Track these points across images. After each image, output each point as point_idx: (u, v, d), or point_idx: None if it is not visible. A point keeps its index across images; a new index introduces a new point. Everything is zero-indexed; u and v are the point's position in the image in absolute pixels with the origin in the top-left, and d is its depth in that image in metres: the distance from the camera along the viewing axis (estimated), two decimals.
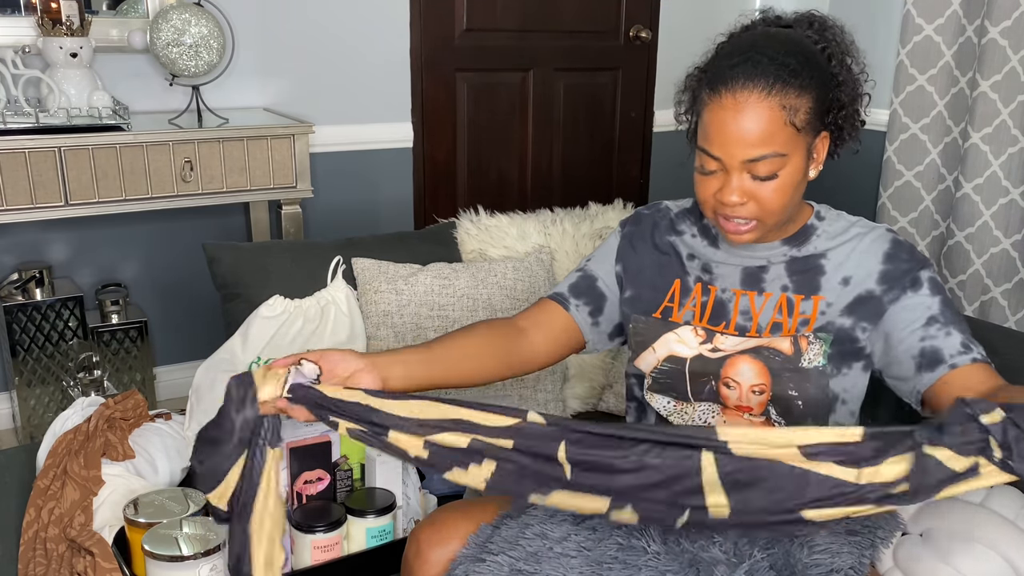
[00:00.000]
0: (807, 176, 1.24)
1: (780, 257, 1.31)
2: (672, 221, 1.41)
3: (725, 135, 1.18)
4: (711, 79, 1.21)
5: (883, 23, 3.16)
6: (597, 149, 3.49)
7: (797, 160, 1.20)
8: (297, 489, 1.41)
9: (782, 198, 1.20)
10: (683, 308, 1.35)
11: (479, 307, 1.78)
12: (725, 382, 1.30)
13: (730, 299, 1.32)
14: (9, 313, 2.44)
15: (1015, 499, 1.30)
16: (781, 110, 1.16)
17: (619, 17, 3.37)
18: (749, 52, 1.20)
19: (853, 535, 1.14)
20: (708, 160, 1.20)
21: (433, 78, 3.09)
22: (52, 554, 1.35)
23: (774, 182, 1.19)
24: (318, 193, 2.79)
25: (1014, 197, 2.77)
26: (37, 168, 2.17)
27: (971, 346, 1.21)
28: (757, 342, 1.28)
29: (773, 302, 1.29)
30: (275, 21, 2.77)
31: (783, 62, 1.18)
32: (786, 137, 1.18)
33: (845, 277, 1.27)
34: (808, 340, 1.25)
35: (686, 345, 1.32)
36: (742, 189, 1.19)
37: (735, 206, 1.20)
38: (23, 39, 2.38)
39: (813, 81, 1.20)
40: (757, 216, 1.21)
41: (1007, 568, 1.24)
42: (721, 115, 1.18)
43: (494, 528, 1.24)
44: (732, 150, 1.17)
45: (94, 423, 1.52)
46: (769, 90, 1.16)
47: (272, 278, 1.77)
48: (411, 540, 1.29)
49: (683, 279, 1.36)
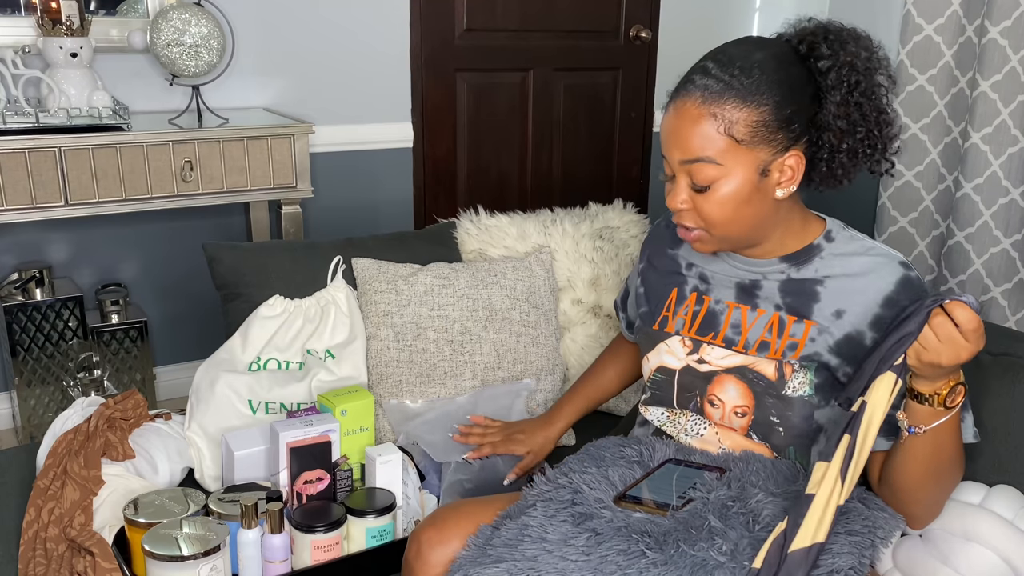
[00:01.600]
0: (767, 194, 1.22)
1: (776, 275, 1.30)
2: (675, 232, 1.42)
3: (665, 137, 1.24)
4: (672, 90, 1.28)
5: (883, 23, 3.16)
6: (597, 149, 3.49)
7: (741, 174, 1.20)
8: (297, 489, 1.41)
9: (723, 210, 1.22)
10: (676, 317, 1.38)
11: (479, 307, 1.78)
12: (710, 399, 1.32)
13: (723, 311, 1.33)
14: (9, 313, 2.44)
15: (1014, 499, 1.30)
16: (713, 119, 1.19)
17: (619, 17, 3.37)
18: (700, 63, 1.24)
19: (852, 535, 1.14)
20: (665, 164, 1.26)
21: (433, 78, 3.08)
22: (52, 554, 1.35)
23: (712, 193, 1.22)
24: (318, 193, 2.79)
25: (1014, 197, 2.77)
26: (37, 168, 2.17)
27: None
28: (743, 360, 1.29)
29: (765, 320, 1.30)
30: (275, 21, 2.77)
31: (726, 75, 1.19)
32: (723, 147, 1.19)
33: (839, 310, 1.26)
34: (793, 368, 1.25)
35: (675, 356, 1.36)
36: (683, 196, 1.24)
37: (679, 211, 1.25)
38: (23, 39, 2.38)
39: (763, 96, 1.18)
40: (700, 225, 1.25)
41: (1005, 568, 1.24)
42: (665, 120, 1.25)
43: (493, 529, 1.23)
44: (670, 151, 1.24)
45: (94, 423, 1.52)
46: (702, 100, 1.20)
47: (272, 278, 1.77)
48: (412, 540, 1.29)
49: (680, 288, 1.40)
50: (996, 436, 1.36)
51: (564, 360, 1.89)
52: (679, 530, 1.14)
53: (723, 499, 1.18)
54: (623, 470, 1.28)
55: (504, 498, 1.35)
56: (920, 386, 1.12)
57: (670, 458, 1.32)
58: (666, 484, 1.25)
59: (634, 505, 1.20)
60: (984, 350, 1.38)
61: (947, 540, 1.28)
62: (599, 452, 1.35)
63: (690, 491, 1.22)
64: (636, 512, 1.19)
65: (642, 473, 1.28)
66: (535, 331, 1.81)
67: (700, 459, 1.31)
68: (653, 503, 1.20)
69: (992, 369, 1.39)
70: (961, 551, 1.26)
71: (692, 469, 1.28)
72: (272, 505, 1.31)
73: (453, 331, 1.77)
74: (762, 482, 1.21)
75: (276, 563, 1.32)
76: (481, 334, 1.77)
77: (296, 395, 1.65)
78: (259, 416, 1.62)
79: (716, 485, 1.21)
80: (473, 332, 1.77)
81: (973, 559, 1.25)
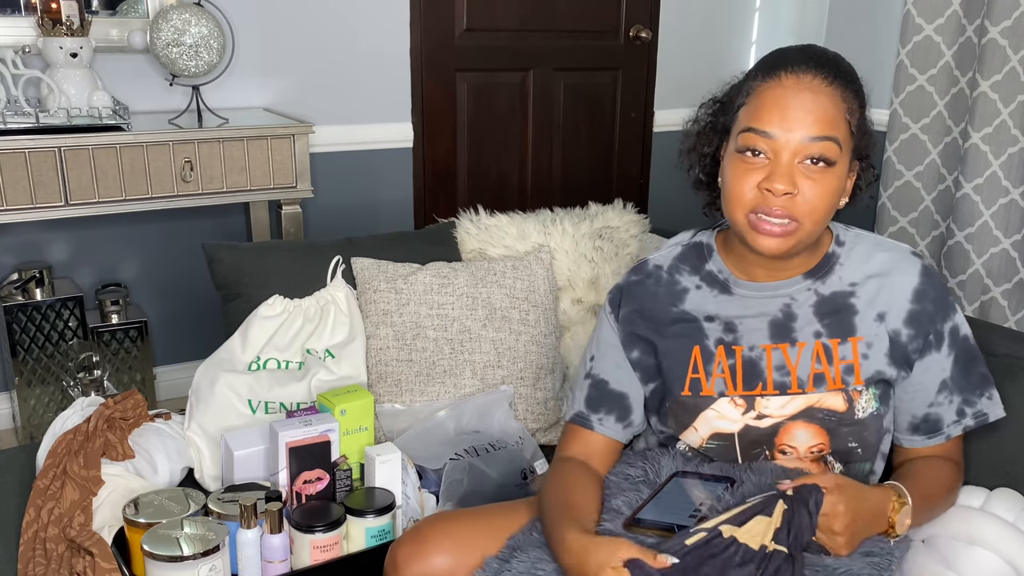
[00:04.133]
0: (840, 196, 1.17)
1: (804, 294, 1.23)
2: (669, 283, 1.31)
3: (784, 111, 1.11)
4: (763, 68, 1.16)
5: (883, 23, 3.16)
6: (597, 149, 3.49)
7: (844, 164, 1.15)
8: (297, 489, 1.41)
9: (827, 199, 1.13)
10: (711, 377, 1.24)
11: (478, 306, 1.79)
12: (780, 449, 1.24)
13: (760, 356, 1.23)
14: (9, 313, 2.44)
15: (1016, 502, 1.30)
16: (842, 101, 1.13)
17: (619, 17, 3.37)
18: (807, 47, 1.16)
19: (870, 556, 1.13)
20: (759, 141, 1.12)
21: (433, 78, 3.09)
22: (52, 554, 1.35)
23: (824, 176, 1.11)
24: (318, 193, 2.79)
25: (1014, 197, 2.77)
26: (37, 168, 2.17)
27: (965, 410, 1.25)
28: (806, 401, 1.21)
29: (809, 352, 1.22)
30: (275, 21, 2.77)
31: (841, 63, 1.16)
32: (844, 131, 1.13)
33: (880, 313, 1.22)
34: (859, 392, 1.21)
35: (728, 420, 1.24)
36: (791, 177, 1.11)
37: (780, 196, 1.11)
38: (23, 39, 2.38)
39: (861, 95, 1.18)
40: (798, 216, 1.12)
41: (1009, 570, 1.24)
42: (781, 92, 1.12)
43: (501, 563, 1.18)
44: (791, 126, 1.11)
45: (94, 423, 1.52)
46: (832, 80, 1.13)
47: (272, 278, 1.77)
48: (389, 554, 1.24)
49: (702, 344, 1.25)
50: (996, 437, 1.36)
51: (564, 359, 1.89)
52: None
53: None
54: (629, 495, 1.24)
55: (487, 510, 1.31)
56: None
57: (677, 471, 1.27)
58: (675, 502, 1.20)
59: (644, 530, 1.16)
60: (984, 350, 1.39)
61: (950, 545, 1.27)
62: (604, 479, 1.31)
63: (702, 508, 1.18)
64: (648, 537, 1.14)
65: (649, 492, 1.24)
66: (535, 330, 1.81)
67: (708, 469, 1.26)
68: (664, 526, 1.16)
69: (992, 369, 1.39)
70: (964, 555, 1.26)
71: (700, 481, 1.24)
72: (271, 505, 1.31)
73: (453, 330, 1.77)
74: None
75: (275, 563, 1.32)
76: (481, 333, 1.78)
77: (296, 395, 1.65)
78: (259, 416, 1.62)
79: (727, 500, 1.17)
80: (473, 331, 1.77)
81: (977, 562, 1.25)
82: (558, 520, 1.16)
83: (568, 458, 1.32)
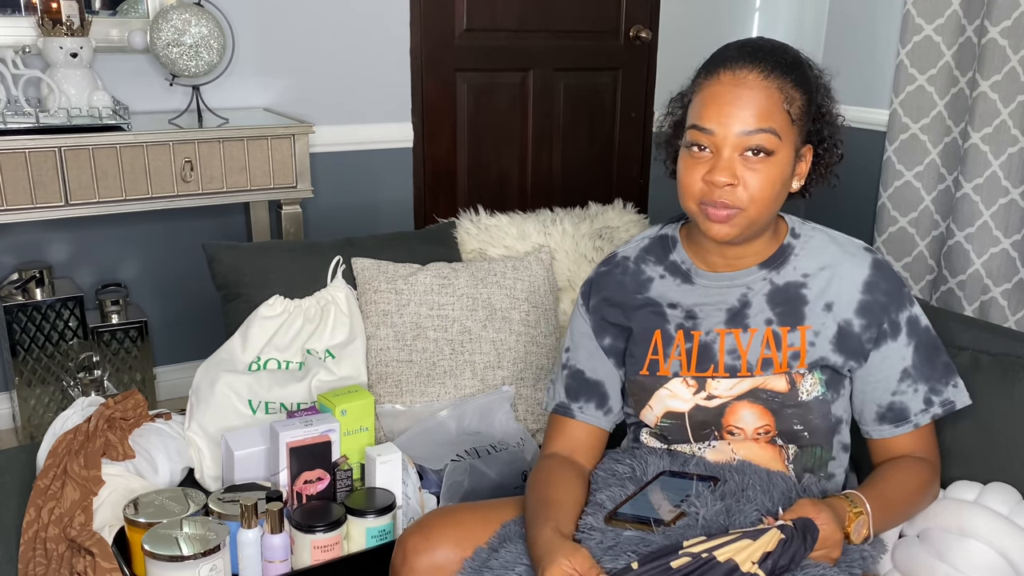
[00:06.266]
0: (788, 180, 1.23)
1: (760, 283, 1.29)
2: (635, 273, 1.37)
3: (721, 107, 1.18)
4: (707, 66, 1.23)
5: (883, 23, 3.16)
6: (597, 149, 3.49)
7: (787, 152, 1.20)
8: (297, 489, 1.42)
9: (771, 188, 1.19)
10: (668, 359, 1.31)
11: (479, 306, 1.79)
12: (728, 430, 1.29)
13: (714, 340, 1.29)
14: (9, 313, 2.44)
15: (1009, 495, 1.31)
16: (779, 92, 1.18)
17: (619, 17, 3.37)
18: (747, 42, 1.23)
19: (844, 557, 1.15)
20: (701, 136, 1.19)
21: (433, 78, 3.09)
22: (52, 554, 1.35)
23: (765, 165, 1.18)
24: (318, 193, 2.79)
25: (1014, 197, 2.77)
26: (37, 168, 2.17)
27: (932, 399, 1.28)
28: (752, 383, 1.27)
29: (759, 337, 1.28)
30: (275, 21, 2.77)
31: (781, 55, 1.21)
32: (782, 121, 1.19)
33: (828, 303, 1.27)
34: (802, 375, 1.26)
35: (680, 399, 1.30)
36: (732, 170, 1.18)
37: (723, 188, 1.18)
38: (23, 39, 2.38)
39: (806, 82, 1.23)
40: (743, 204, 1.19)
41: (1002, 562, 1.25)
42: (719, 89, 1.19)
43: (490, 551, 1.22)
44: (728, 121, 1.17)
45: (94, 423, 1.52)
46: (768, 73, 1.18)
47: (272, 278, 1.77)
48: (398, 546, 1.27)
49: (663, 328, 1.33)
50: (995, 436, 1.36)
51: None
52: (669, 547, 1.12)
53: (715, 514, 1.16)
54: (614, 490, 1.26)
55: (493, 504, 1.33)
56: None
57: (663, 470, 1.29)
58: (658, 498, 1.22)
59: (624, 523, 1.18)
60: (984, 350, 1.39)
61: (943, 537, 1.29)
62: (591, 474, 1.35)
63: (682, 504, 1.20)
64: (627, 530, 1.17)
65: (634, 488, 1.26)
66: (535, 330, 1.82)
67: (694, 468, 1.29)
68: (643, 520, 1.18)
69: (992, 369, 1.39)
70: (957, 547, 1.27)
71: (686, 480, 1.26)
72: (272, 505, 1.31)
73: (453, 330, 1.77)
74: (758, 496, 1.20)
75: (276, 563, 1.32)
76: (481, 333, 1.78)
77: (296, 395, 1.65)
78: (259, 416, 1.62)
79: (710, 498, 1.19)
80: (473, 331, 1.77)
81: (970, 554, 1.26)
82: (534, 517, 1.21)
83: (552, 454, 1.37)
